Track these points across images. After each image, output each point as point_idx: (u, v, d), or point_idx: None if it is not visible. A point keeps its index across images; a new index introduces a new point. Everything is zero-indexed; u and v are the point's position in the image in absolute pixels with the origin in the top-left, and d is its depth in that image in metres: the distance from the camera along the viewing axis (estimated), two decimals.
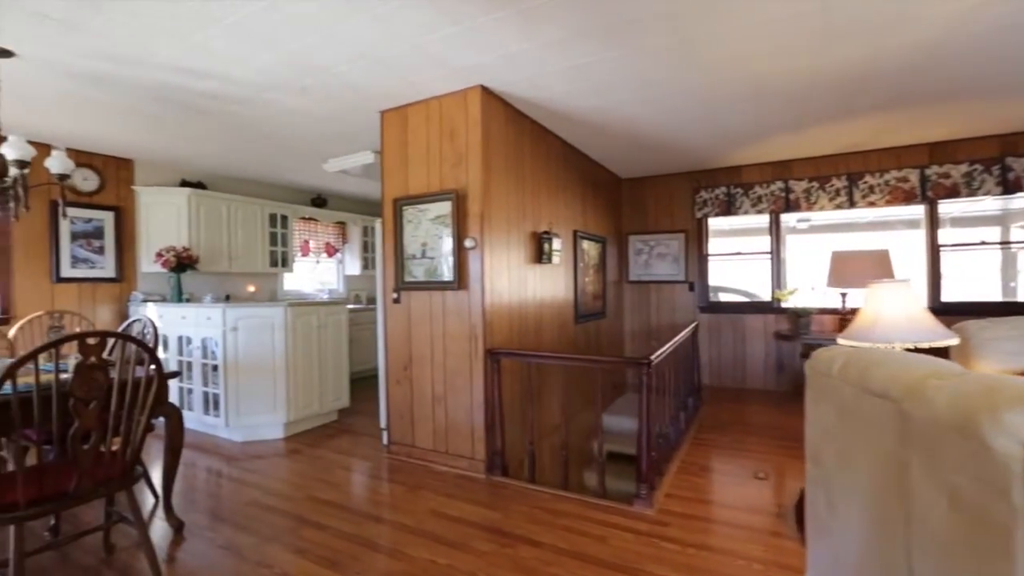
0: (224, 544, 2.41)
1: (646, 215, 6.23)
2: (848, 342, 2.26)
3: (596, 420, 3.13)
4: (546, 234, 3.95)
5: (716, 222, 5.97)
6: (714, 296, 6.00)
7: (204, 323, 4.15)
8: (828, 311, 5.10)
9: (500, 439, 3.24)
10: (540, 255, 3.94)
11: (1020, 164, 4.43)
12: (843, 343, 2.28)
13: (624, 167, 5.71)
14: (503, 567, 2.19)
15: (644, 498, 2.72)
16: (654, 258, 6.18)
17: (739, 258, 5.90)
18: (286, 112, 3.66)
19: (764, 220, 5.63)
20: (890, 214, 5.20)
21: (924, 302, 4.52)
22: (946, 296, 4.80)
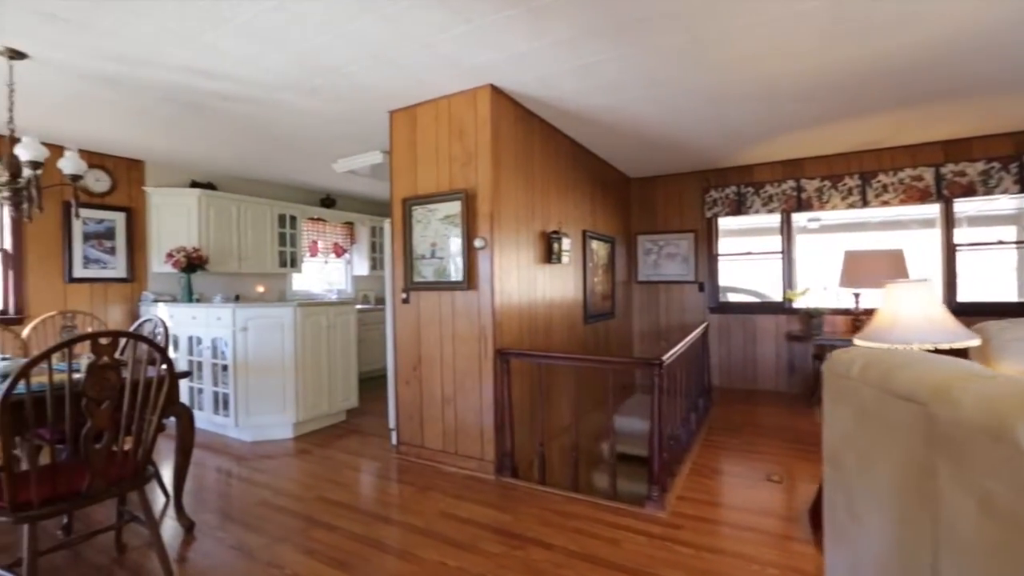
0: (235, 544, 2.41)
1: (655, 215, 6.19)
2: (865, 343, 2.22)
3: (608, 421, 3.11)
4: (555, 234, 3.93)
5: (726, 222, 5.92)
6: (724, 296, 5.94)
7: (214, 323, 4.16)
8: (841, 311, 5.04)
9: (510, 440, 3.22)
10: (549, 255, 3.91)
11: None
12: (860, 344, 2.24)
13: (633, 166, 5.67)
14: (514, 570, 2.17)
15: (656, 500, 2.69)
16: (663, 258, 6.13)
17: (749, 258, 5.84)
18: (295, 112, 3.66)
19: (775, 220, 5.57)
20: (904, 213, 5.13)
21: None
22: (962, 296, 4.73)
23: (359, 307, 5.96)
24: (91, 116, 3.70)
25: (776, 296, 5.62)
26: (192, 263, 4.84)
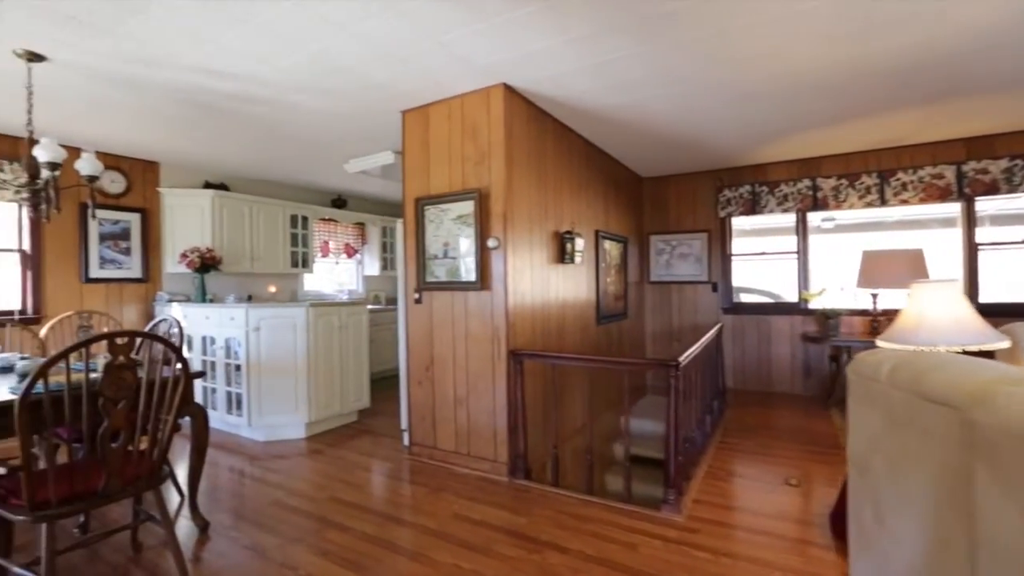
0: (249, 545, 2.41)
1: (668, 214, 6.14)
2: (889, 344, 2.17)
3: (624, 423, 3.07)
4: (568, 234, 3.90)
5: (739, 221, 5.85)
6: (737, 297, 5.87)
7: (227, 323, 4.18)
8: (858, 312, 4.96)
9: (523, 442, 3.19)
10: (563, 255, 3.89)
11: None
12: (883, 346, 2.19)
13: (646, 166, 5.63)
14: (530, 574, 2.15)
15: (672, 504, 2.65)
16: (676, 258, 6.08)
17: (763, 258, 5.77)
18: (308, 113, 3.67)
19: (789, 219, 5.49)
20: (922, 212, 5.03)
21: None
22: (984, 297, 4.62)
23: (370, 307, 5.97)
24: (108, 118, 3.73)
25: (791, 297, 5.54)
26: (205, 263, 4.87)
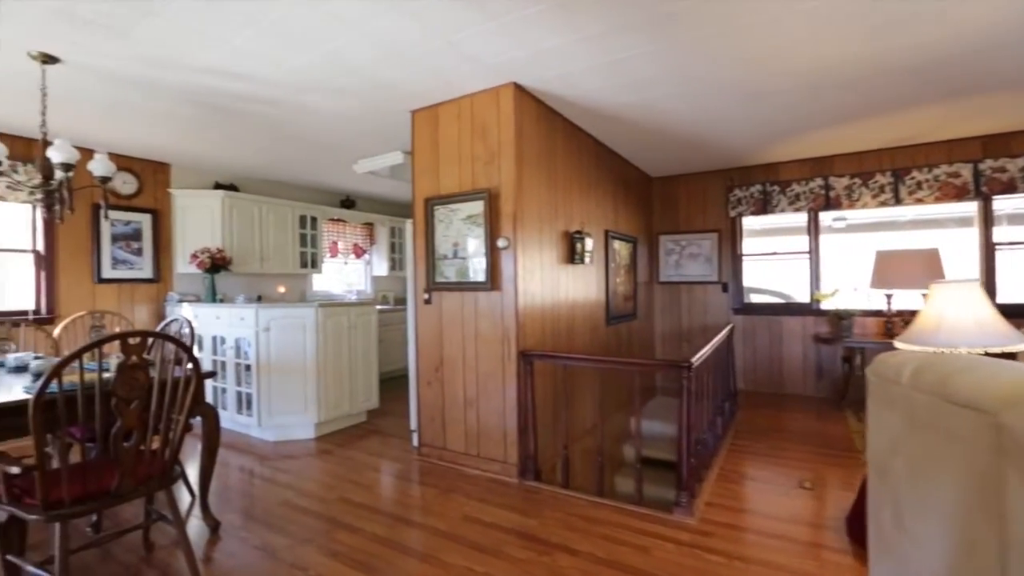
0: (259, 545, 2.41)
1: (677, 214, 6.09)
2: (907, 346, 2.12)
3: (636, 424, 3.04)
4: (578, 234, 3.88)
5: (749, 221, 5.79)
6: (748, 297, 5.82)
7: (237, 323, 4.20)
8: (872, 313, 4.89)
9: (533, 443, 3.18)
10: (572, 255, 3.86)
11: None
12: (902, 347, 2.14)
13: (655, 165, 5.59)
14: None
15: (684, 506, 2.62)
16: (685, 258, 6.03)
17: (774, 258, 5.71)
18: (318, 114, 3.67)
19: (800, 219, 5.43)
20: (938, 212, 4.95)
21: None
22: (1002, 297, 4.54)
23: (378, 308, 5.97)
24: (120, 119, 3.76)
25: (802, 297, 5.48)
26: (216, 264, 4.89)
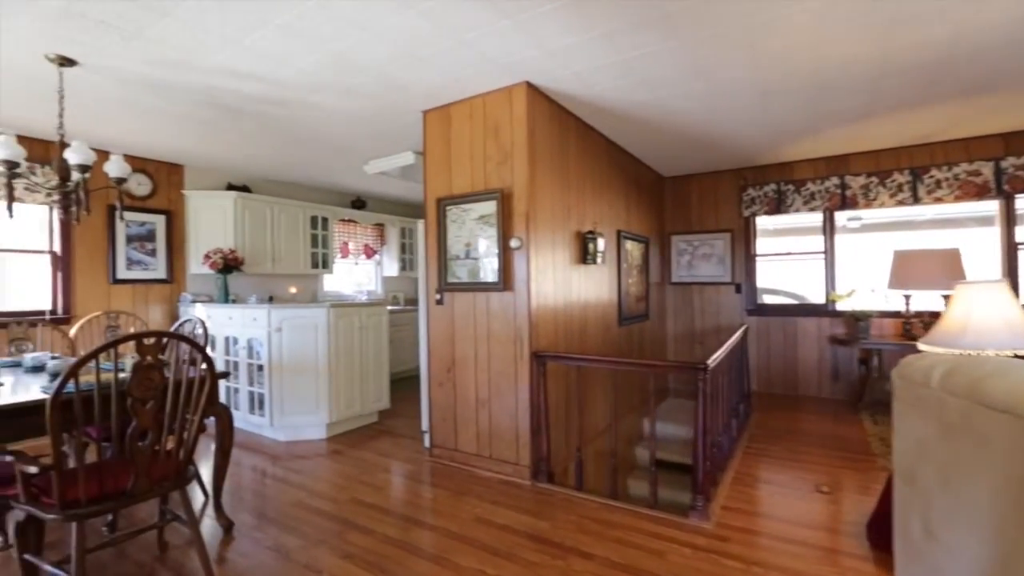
0: (272, 546, 2.41)
1: (690, 214, 6.04)
2: (932, 348, 2.07)
3: (651, 426, 3.01)
4: (591, 234, 3.85)
5: (762, 221, 5.72)
6: (761, 298, 5.75)
7: (250, 324, 4.22)
8: (890, 314, 4.80)
9: (546, 445, 3.15)
10: (585, 255, 3.83)
11: None
12: (926, 349, 2.09)
13: (667, 165, 5.54)
14: None
15: (700, 510, 2.58)
16: (698, 259, 5.97)
17: (788, 259, 5.64)
18: (329, 114, 3.68)
19: (815, 219, 5.36)
20: (957, 211, 4.86)
21: None
22: None
23: (389, 308, 5.97)
24: (134, 121, 3.79)
25: (816, 298, 5.40)
26: (228, 264, 4.92)
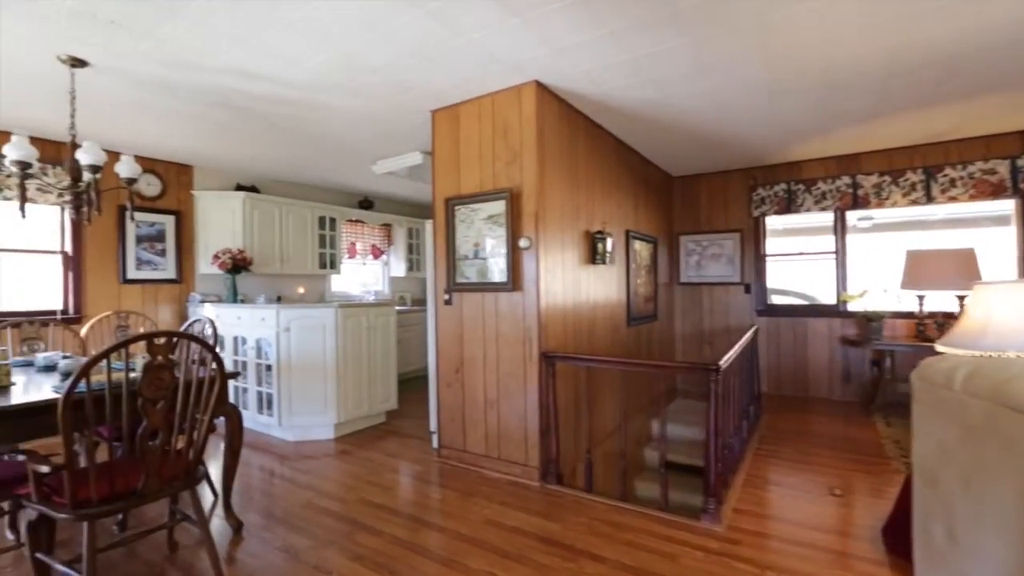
0: (281, 546, 2.40)
1: (698, 214, 5.99)
2: (951, 349, 2.04)
3: (662, 428, 2.98)
4: (600, 234, 3.82)
5: (772, 221, 5.67)
6: (770, 299, 5.69)
7: (258, 324, 4.22)
8: (902, 315, 4.74)
9: (555, 446, 3.13)
10: (594, 255, 3.81)
11: None
12: (945, 351, 2.06)
13: (676, 164, 5.50)
14: None
15: (712, 513, 2.55)
16: (707, 259, 5.93)
17: (798, 259, 5.58)
18: (337, 114, 3.68)
19: (825, 218, 5.30)
20: (971, 210, 4.79)
21: None
22: None
23: (396, 308, 5.98)
24: (144, 121, 3.80)
25: (827, 298, 5.34)
26: (237, 264, 4.93)
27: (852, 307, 5.09)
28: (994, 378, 1.27)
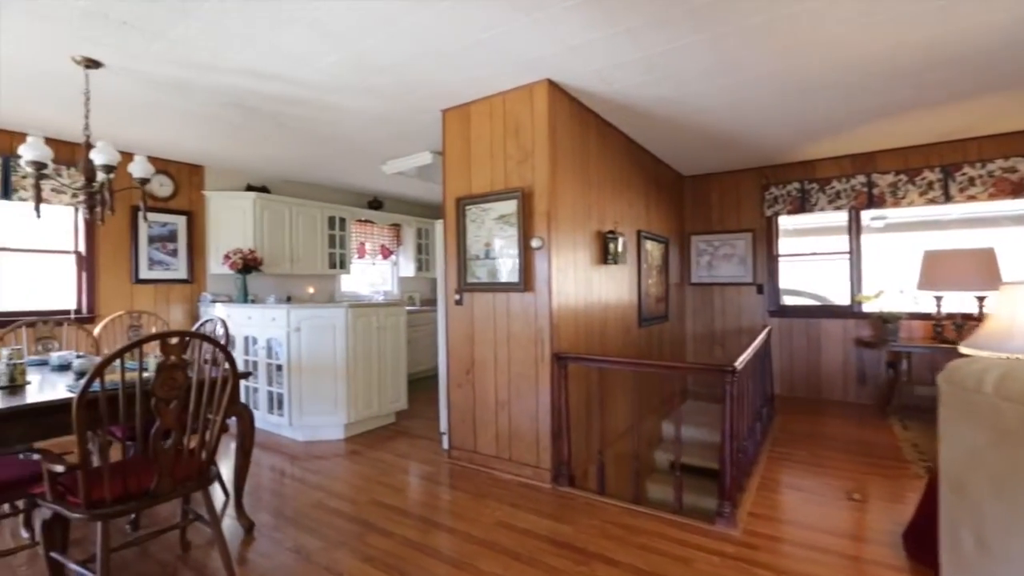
0: (293, 547, 2.40)
1: (710, 214, 5.94)
2: (976, 351, 1.98)
3: (676, 430, 2.95)
4: (611, 234, 3.79)
5: (785, 221, 5.60)
6: (782, 299, 5.63)
7: (269, 324, 4.23)
8: (919, 316, 4.66)
9: (567, 448, 3.10)
10: (605, 256, 3.78)
11: None
12: (970, 353, 2.00)
13: (687, 163, 5.45)
14: None
15: (727, 517, 2.51)
16: (718, 259, 5.87)
17: (811, 259, 5.51)
18: (348, 114, 3.67)
19: (839, 218, 5.23)
20: (989, 209, 4.70)
21: None
22: None
23: (406, 309, 5.97)
24: (157, 122, 3.82)
25: (841, 299, 5.27)
26: (248, 264, 4.95)
27: (867, 308, 5.01)
28: None
